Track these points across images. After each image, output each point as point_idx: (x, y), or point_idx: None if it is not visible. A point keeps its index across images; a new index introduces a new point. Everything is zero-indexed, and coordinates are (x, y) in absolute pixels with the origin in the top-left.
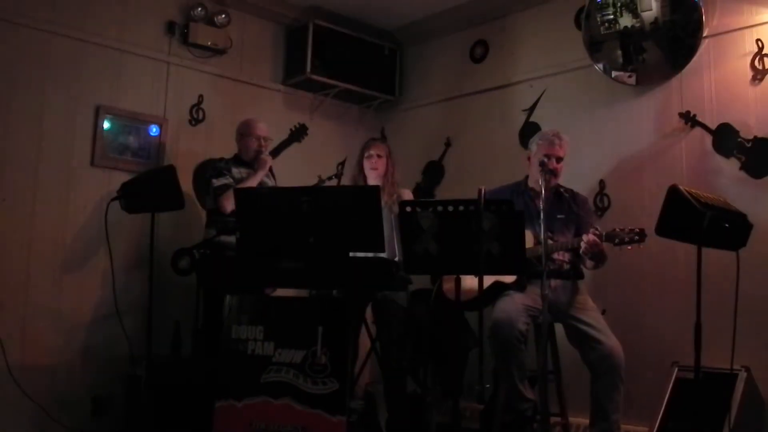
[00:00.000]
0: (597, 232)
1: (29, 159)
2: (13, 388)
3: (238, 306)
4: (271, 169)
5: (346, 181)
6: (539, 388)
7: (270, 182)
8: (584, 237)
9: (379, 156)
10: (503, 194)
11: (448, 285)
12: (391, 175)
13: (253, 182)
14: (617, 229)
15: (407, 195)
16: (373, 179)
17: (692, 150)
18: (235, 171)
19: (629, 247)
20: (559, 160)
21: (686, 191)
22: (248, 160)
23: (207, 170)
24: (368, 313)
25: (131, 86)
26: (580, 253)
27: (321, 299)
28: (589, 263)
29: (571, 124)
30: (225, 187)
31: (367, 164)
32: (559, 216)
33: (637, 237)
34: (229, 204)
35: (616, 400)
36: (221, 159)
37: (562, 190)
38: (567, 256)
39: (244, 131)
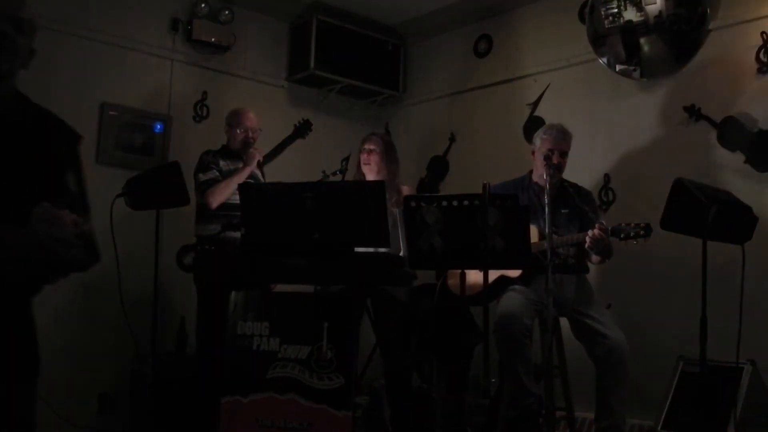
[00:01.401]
0: (603, 227)
1: None
2: None
3: (244, 302)
4: (260, 163)
5: (350, 176)
6: (545, 382)
7: (259, 174)
8: (589, 232)
9: (371, 150)
10: (507, 189)
11: (452, 280)
12: (386, 173)
13: (241, 177)
14: (623, 224)
15: (406, 191)
16: (368, 174)
17: (697, 143)
18: (223, 163)
19: (635, 242)
20: (563, 154)
21: (691, 184)
22: (236, 151)
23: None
24: None
25: (135, 83)
26: (585, 247)
27: (326, 295)
28: (595, 258)
29: (575, 119)
30: (211, 182)
31: (362, 159)
32: (563, 210)
33: (642, 231)
34: (214, 200)
35: (621, 394)
36: (208, 152)
37: (566, 184)
38: (572, 251)
39: (232, 121)
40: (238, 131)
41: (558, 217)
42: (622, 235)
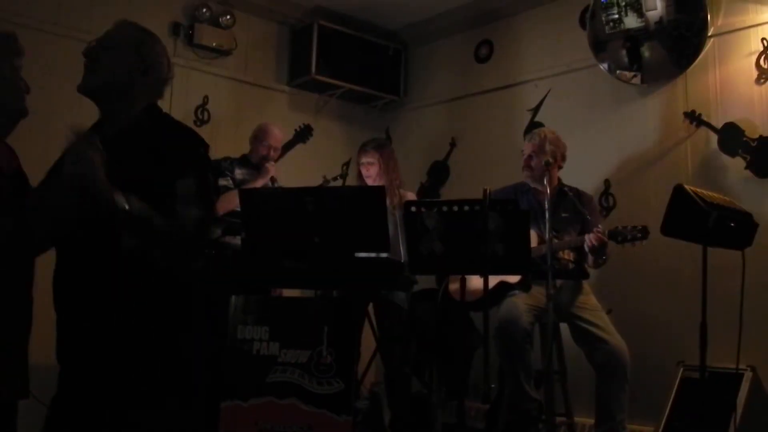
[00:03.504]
0: (599, 231)
1: (35, 161)
2: None
3: (244, 306)
4: (273, 179)
5: (351, 182)
6: (545, 387)
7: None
8: (587, 237)
9: (370, 163)
10: (507, 194)
11: (453, 286)
12: (390, 180)
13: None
14: (620, 227)
15: (410, 197)
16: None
17: (697, 149)
18: (238, 172)
19: (633, 245)
20: (530, 156)
21: (691, 190)
22: (255, 163)
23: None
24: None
25: None
26: (585, 249)
27: (326, 299)
28: (590, 259)
29: (575, 124)
30: (223, 189)
31: (362, 171)
32: (563, 215)
33: (639, 234)
34: (221, 207)
35: (621, 400)
36: (226, 158)
37: (566, 188)
38: (572, 255)
39: (259, 135)
40: (261, 147)
41: (557, 221)
42: (619, 238)
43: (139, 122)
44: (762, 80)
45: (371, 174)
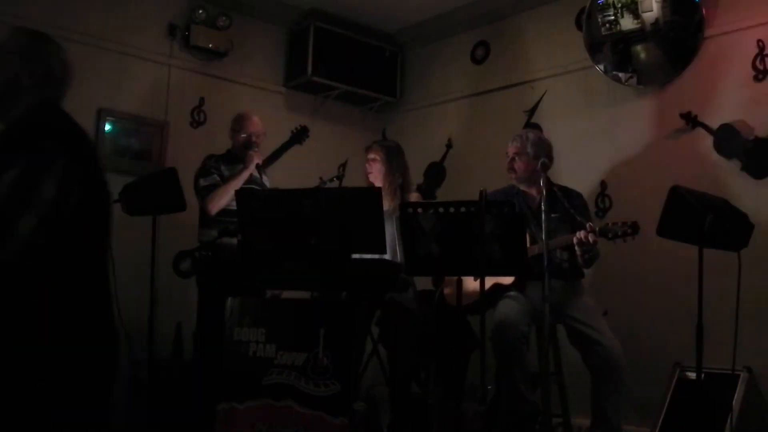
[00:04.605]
0: (590, 227)
1: None
2: None
3: (240, 308)
4: (260, 167)
5: (347, 183)
6: (541, 389)
7: (265, 179)
8: (576, 234)
9: (373, 160)
10: (498, 198)
11: (448, 290)
12: (390, 181)
13: (239, 181)
14: (609, 224)
15: (414, 198)
16: (374, 183)
17: (693, 150)
18: (224, 168)
19: (624, 241)
20: (512, 159)
21: (687, 192)
22: (238, 156)
23: (198, 168)
24: None
25: (133, 89)
26: (574, 242)
27: (323, 301)
28: (579, 255)
29: (572, 125)
30: (211, 188)
31: (366, 167)
32: (553, 215)
33: (629, 230)
34: (213, 206)
35: (616, 402)
36: (211, 156)
37: (554, 188)
38: (565, 255)
39: (236, 126)
40: (241, 136)
41: (548, 222)
42: (609, 235)
43: (17, 121)
44: (757, 81)
45: (374, 170)
